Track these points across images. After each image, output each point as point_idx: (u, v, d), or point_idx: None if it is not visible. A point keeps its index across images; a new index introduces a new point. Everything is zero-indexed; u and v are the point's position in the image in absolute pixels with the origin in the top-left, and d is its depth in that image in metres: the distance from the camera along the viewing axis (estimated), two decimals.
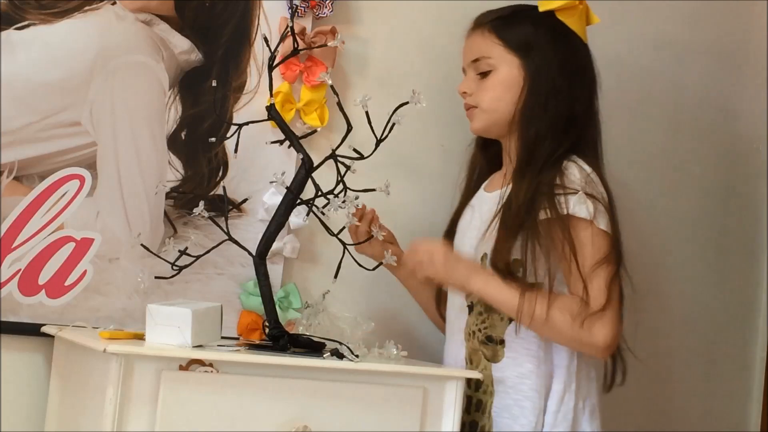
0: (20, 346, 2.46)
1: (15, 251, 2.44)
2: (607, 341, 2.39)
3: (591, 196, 2.40)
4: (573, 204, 2.39)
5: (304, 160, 2.39)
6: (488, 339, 2.48)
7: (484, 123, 2.53)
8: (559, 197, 2.40)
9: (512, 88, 2.49)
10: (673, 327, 3.10)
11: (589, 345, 2.40)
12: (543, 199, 2.40)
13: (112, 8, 2.52)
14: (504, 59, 2.50)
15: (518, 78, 2.49)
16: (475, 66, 2.53)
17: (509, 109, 2.49)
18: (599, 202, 2.41)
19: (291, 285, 2.65)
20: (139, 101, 2.55)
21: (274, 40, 2.54)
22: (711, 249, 3.15)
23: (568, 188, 2.40)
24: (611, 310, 2.39)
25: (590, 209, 2.39)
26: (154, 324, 2.23)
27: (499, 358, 2.47)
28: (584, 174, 2.43)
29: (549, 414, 2.44)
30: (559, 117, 2.47)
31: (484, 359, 2.48)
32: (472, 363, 2.49)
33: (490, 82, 2.51)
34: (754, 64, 3.19)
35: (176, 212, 2.57)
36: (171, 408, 2.17)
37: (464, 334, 2.52)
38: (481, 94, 2.51)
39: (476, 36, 2.54)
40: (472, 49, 2.54)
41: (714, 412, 3.15)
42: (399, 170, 2.73)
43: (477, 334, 2.49)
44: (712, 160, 3.15)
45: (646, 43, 3.06)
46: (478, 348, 2.49)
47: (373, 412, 2.31)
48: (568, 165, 2.44)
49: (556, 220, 2.39)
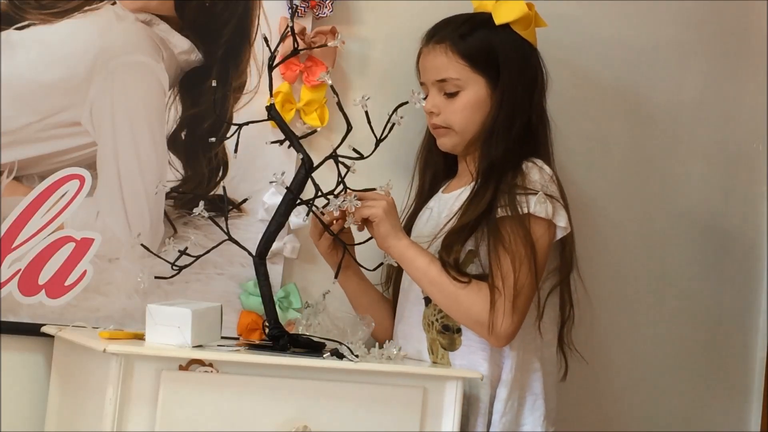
0: (20, 346, 2.46)
1: (15, 251, 2.44)
2: (507, 331, 2.41)
3: (550, 196, 2.46)
4: (533, 204, 2.44)
5: (304, 160, 2.39)
6: (445, 328, 2.51)
7: (455, 143, 2.58)
8: (520, 196, 2.44)
9: (481, 108, 2.54)
10: (673, 327, 3.10)
11: (479, 324, 2.42)
12: (503, 198, 2.45)
13: (112, 8, 2.52)
14: (471, 79, 2.53)
15: (486, 98, 2.53)
16: (440, 86, 2.55)
17: (477, 128, 2.54)
18: (558, 202, 2.47)
19: (291, 285, 2.65)
20: (139, 101, 2.55)
21: (274, 40, 2.54)
22: (711, 249, 3.15)
23: (528, 189, 2.45)
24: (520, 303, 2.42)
25: (548, 210, 2.45)
26: (154, 324, 2.23)
27: (457, 347, 2.50)
28: (545, 175, 2.48)
29: (499, 402, 2.47)
30: (521, 127, 2.53)
31: (441, 348, 2.50)
32: (433, 353, 2.52)
33: (460, 103, 2.54)
34: (754, 64, 3.19)
35: (176, 212, 2.57)
36: (171, 408, 2.17)
37: (423, 326, 2.54)
38: (451, 116, 2.55)
39: (438, 54, 2.55)
40: (437, 67, 2.55)
41: (714, 412, 3.15)
42: (399, 170, 2.73)
43: (435, 324, 2.51)
44: (712, 160, 3.15)
45: (646, 43, 3.05)
46: (435, 338, 2.52)
47: (373, 412, 2.31)
48: (528, 166, 2.49)
49: (512, 218, 2.43)
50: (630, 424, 3.03)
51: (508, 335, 2.43)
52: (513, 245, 2.42)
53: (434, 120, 2.56)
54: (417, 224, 2.63)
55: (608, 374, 2.90)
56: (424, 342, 2.53)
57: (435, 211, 2.60)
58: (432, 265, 2.44)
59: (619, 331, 2.99)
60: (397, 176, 2.66)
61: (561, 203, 2.48)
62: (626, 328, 3.02)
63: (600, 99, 2.98)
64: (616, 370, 3.00)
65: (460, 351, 2.49)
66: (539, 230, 2.45)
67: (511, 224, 2.43)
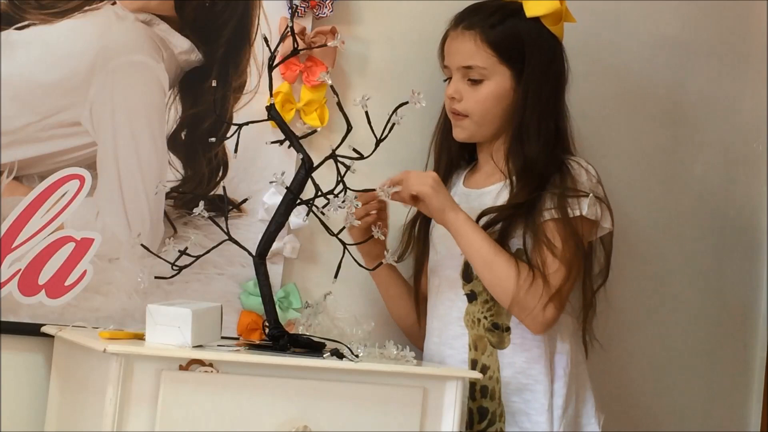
0: (20, 346, 2.46)
1: (15, 251, 2.44)
2: (549, 319, 2.46)
3: (599, 198, 2.50)
4: (585, 206, 2.47)
5: (304, 160, 2.39)
6: (494, 326, 2.52)
7: (472, 133, 2.59)
8: (571, 199, 2.47)
9: (502, 99, 2.55)
10: (673, 327, 3.10)
11: (530, 313, 2.45)
12: (551, 200, 2.48)
13: (112, 8, 2.52)
14: (496, 69, 2.54)
15: (509, 90, 2.54)
16: (465, 72, 2.56)
17: (497, 120, 2.56)
18: (605, 204, 2.51)
19: (291, 285, 2.65)
20: (139, 101, 2.55)
21: (274, 40, 2.54)
22: (711, 249, 3.15)
23: (579, 191, 2.48)
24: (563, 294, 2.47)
25: (598, 212, 2.49)
26: (154, 324, 2.23)
27: (506, 345, 2.52)
28: (592, 177, 2.52)
29: (559, 397, 2.50)
30: (551, 124, 2.54)
31: (489, 346, 2.52)
32: (477, 349, 2.53)
33: (482, 92, 2.55)
34: (754, 64, 3.19)
35: (176, 212, 2.57)
36: (171, 408, 2.17)
37: (465, 322, 2.54)
38: (473, 104, 2.55)
39: (467, 40, 2.55)
40: (464, 53, 2.56)
41: (714, 412, 3.15)
42: (399, 170, 2.72)
43: (483, 321, 2.53)
44: (712, 160, 3.15)
45: (647, 43, 3.05)
46: (483, 335, 2.53)
47: (373, 412, 2.31)
48: (573, 166, 2.52)
49: (561, 221, 2.46)
50: (630, 423, 3.03)
51: (548, 323, 2.46)
52: (563, 248, 2.44)
53: (455, 105, 2.57)
54: None
55: (608, 374, 2.89)
56: (464, 338, 2.54)
57: (463, 207, 2.57)
58: (486, 242, 2.45)
59: (619, 330, 2.99)
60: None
61: (607, 205, 2.52)
62: (626, 327, 3.02)
63: (600, 99, 2.98)
64: (616, 369, 3.00)
65: (510, 349, 2.51)
66: (586, 232, 2.50)
67: (560, 228, 2.46)
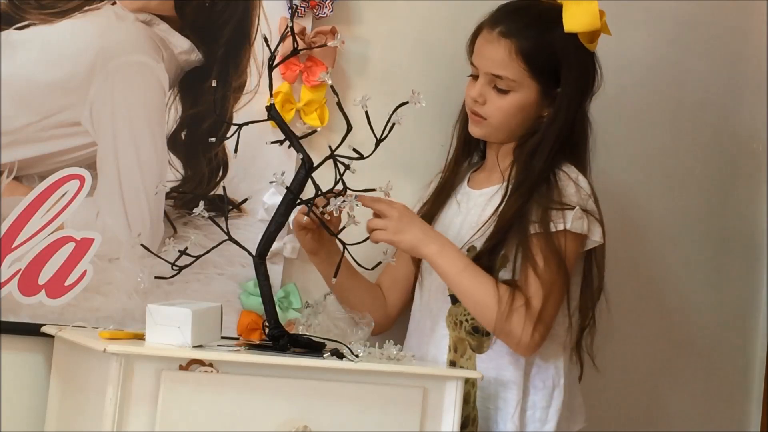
0: (20, 346, 2.46)
1: (15, 251, 2.44)
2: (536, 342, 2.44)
3: (586, 211, 2.47)
4: (570, 220, 2.45)
5: (304, 160, 2.39)
6: (474, 330, 2.51)
7: (488, 133, 2.58)
8: (555, 212, 2.45)
9: (525, 110, 2.54)
10: (672, 327, 3.10)
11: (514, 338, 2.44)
12: (536, 213, 2.46)
13: (112, 8, 2.52)
14: (525, 83, 2.52)
15: (533, 103, 2.53)
16: (492, 79, 2.53)
17: (516, 127, 2.55)
18: (593, 217, 2.49)
19: (291, 285, 2.65)
20: (139, 101, 2.55)
21: (274, 40, 2.54)
22: (711, 249, 3.15)
23: (565, 204, 2.46)
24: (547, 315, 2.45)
25: (584, 226, 2.47)
26: (154, 324, 2.23)
27: (485, 349, 2.51)
28: (581, 191, 2.49)
29: (538, 410, 2.49)
30: (570, 137, 2.54)
31: (469, 349, 2.51)
32: (456, 352, 2.52)
33: (507, 102, 2.53)
34: (754, 64, 3.19)
35: (176, 212, 2.57)
36: (171, 408, 2.17)
37: (447, 323, 2.54)
38: (494, 111, 2.54)
39: (501, 49, 2.51)
40: (496, 61, 2.52)
41: (714, 412, 3.15)
42: (399, 170, 2.73)
43: (464, 324, 2.52)
44: (712, 160, 3.15)
45: (646, 44, 3.05)
46: (464, 338, 2.52)
47: (373, 412, 2.31)
48: (561, 178, 2.50)
49: (544, 237, 2.44)
50: (630, 423, 3.03)
51: (535, 345, 2.45)
52: (544, 267, 2.42)
53: (477, 108, 2.55)
54: (445, 215, 2.62)
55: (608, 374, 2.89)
56: (444, 339, 2.54)
57: (463, 207, 2.59)
58: (461, 273, 2.44)
59: (619, 331, 2.99)
60: (397, 176, 2.65)
61: (596, 218, 2.49)
62: (626, 328, 3.02)
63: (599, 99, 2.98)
64: (616, 369, 2.99)
65: (487, 354, 2.50)
66: (571, 246, 2.46)
67: (542, 244, 2.44)
